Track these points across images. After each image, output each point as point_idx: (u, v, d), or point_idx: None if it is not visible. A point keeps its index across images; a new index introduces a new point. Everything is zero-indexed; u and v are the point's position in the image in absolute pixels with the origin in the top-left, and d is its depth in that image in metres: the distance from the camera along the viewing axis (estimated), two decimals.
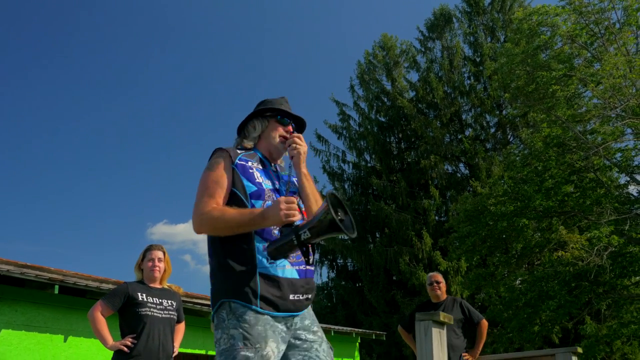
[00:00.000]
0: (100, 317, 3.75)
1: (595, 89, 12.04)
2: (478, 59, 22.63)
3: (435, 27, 23.97)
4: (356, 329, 12.80)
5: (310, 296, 2.00)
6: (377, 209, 21.17)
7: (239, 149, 2.13)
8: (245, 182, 2.00)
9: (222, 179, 1.99)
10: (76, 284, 6.67)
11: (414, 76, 27.75)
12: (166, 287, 4.04)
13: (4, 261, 7.21)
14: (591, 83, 12.30)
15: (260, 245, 1.92)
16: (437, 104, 22.27)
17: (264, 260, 1.90)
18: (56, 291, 6.48)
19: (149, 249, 4.00)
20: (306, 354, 1.95)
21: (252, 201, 1.98)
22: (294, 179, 2.17)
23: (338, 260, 23.45)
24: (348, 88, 25.07)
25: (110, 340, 3.70)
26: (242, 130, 2.24)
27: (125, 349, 3.63)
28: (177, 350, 3.97)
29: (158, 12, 39.70)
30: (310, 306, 2.07)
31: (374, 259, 20.79)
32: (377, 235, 22.72)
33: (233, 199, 1.98)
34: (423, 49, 24.16)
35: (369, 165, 23.97)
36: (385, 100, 24.17)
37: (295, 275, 1.95)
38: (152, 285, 3.95)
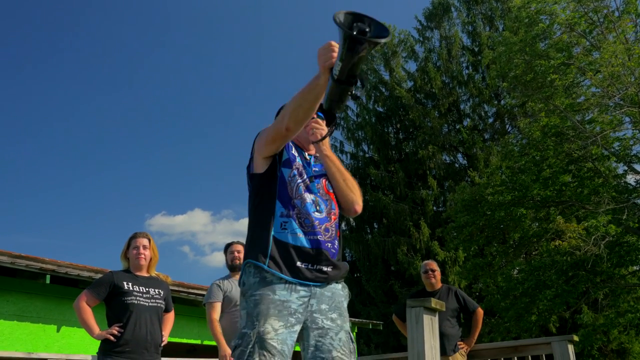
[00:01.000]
0: (85, 307, 3.68)
1: (594, 78, 11.95)
2: (476, 49, 22.50)
3: (434, 17, 23.80)
4: (352, 319, 12.77)
5: (325, 269, 2.00)
6: (375, 200, 21.13)
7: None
8: (284, 152, 2.13)
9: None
10: (68, 274, 6.61)
11: (412, 66, 27.64)
12: (154, 275, 3.97)
13: None
14: (590, 72, 12.21)
15: (279, 211, 2.02)
16: (435, 94, 22.16)
17: (279, 226, 2.00)
18: (47, 281, 6.42)
19: (134, 236, 3.93)
20: (320, 340, 1.94)
21: (282, 169, 2.10)
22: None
23: None
24: None
25: (96, 329, 3.64)
26: None
27: (112, 337, 3.57)
28: (166, 339, 3.91)
29: (156, 3, 39.48)
30: (335, 293, 2.05)
31: (371, 250, 20.78)
32: (375, 226, 22.69)
33: (271, 163, 2.12)
34: (421, 39, 24.01)
35: (367, 155, 23.91)
36: (383, 90, 24.06)
37: (306, 244, 1.99)
38: (138, 273, 3.88)
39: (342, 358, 1.94)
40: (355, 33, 1.56)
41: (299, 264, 1.96)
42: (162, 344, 3.85)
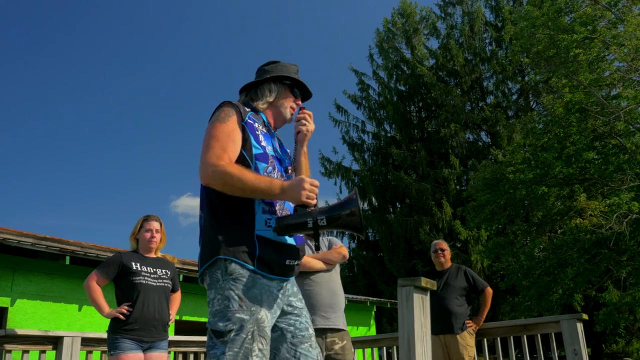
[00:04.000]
0: (95, 286, 3.79)
1: (617, 52, 11.62)
2: (500, 24, 22.05)
3: None
4: (370, 298, 12.87)
5: (299, 262, 2.01)
6: (397, 179, 21.08)
7: (247, 108, 2.05)
8: (253, 142, 1.95)
9: (235, 134, 1.92)
10: (87, 255, 6.80)
11: (434, 43, 27.27)
12: (160, 256, 4.07)
13: (16, 233, 7.38)
14: (614, 45, 11.88)
15: (260, 207, 1.89)
16: (458, 71, 21.85)
17: (263, 223, 1.88)
18: (67, 262, 6.61)
19: (147, 219, 4.02)
20: (297, 319, 1.98)
21: (257, 163, 1.93)
22: (288, 151, 2.19)
23: None
24: (367, 57, 24.79)
25: (106, 308, 3.75)
26: (254, 89, 2.14)
27: (121, 316, 3.68)
28: (173, 318, 4.02)
29: None
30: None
31: (394, 229, 20.78)
32: (398, 206, 22.67)
33: (239, 158, 1.92)
34: (443, 15, 23.63)
35: (388, 135, 23.80)
36: (405, 68, 23.81)
37: (292, 242, 1.95)
38: (147, 255, 3.98)
39: (314, 334, 2.03)
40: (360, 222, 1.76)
41: (287, 262, 1.91)
42: (170, 322, 3.95)
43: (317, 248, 1.88)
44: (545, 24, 13.05)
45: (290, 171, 2.09)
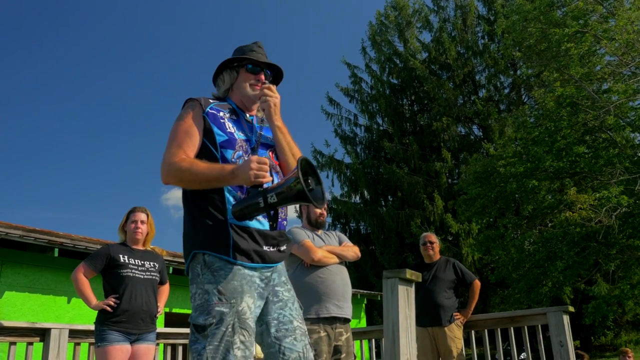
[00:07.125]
0: (83, 279, 3.79)
1: (608, 46, 11.67)
2: (492, 18, 22.08)
3: None
4: (361, 290, 12.92)
5: (283, 248, 1.97)
6: (389, 172, 21.11)
7: (211, 99, 2.08)
8: (216, 131, 1.94)
9: (192, 129, 1.93)
10: (75, 247, 6.77)
11: (426, 36, 27.23)
12: (149, 249, 4.06)
13: (5, 225, 7.34)
14: (605, 39, 11.92)
15: (230, 196, 1.88)
16: (450, 64, 21.88)
17: None
18: (56, 254, 6.58)
19: (133, 211, 4.01)
20: (281, 312, 1.93)
21: (222, 150, 1.92)
22: (268, 132, 2.12)
23: (351, 224, 23.56)
24: (360, 50, 24.78)
25: (93, 300, 3.75)
26: (215, 82, 2.19)
27: (109, 308, 3.67)
28: (161, 310, 4.01)
29: None
30: (284, 263, 2.04)
31: (386, 222, 20.84)
32: (389, 199, 22.73)
33: (203, 149, 1.93)
34: (436, 8, 23.63)
35: (381, 128, 23.82)
36: (398, 61, 23.82)
37: (267, 227, 1.91)
38: (134, 247, 3.97)
39: (300, 326, 1.96)
40: (308, 191, 1.71)
41: (265, 248, 1.89)
42: (157, 315, 3.95)
43: (273, 227, 1.90)
44: (537, 18, 13.10)
45: (271, 153, 2.07)
